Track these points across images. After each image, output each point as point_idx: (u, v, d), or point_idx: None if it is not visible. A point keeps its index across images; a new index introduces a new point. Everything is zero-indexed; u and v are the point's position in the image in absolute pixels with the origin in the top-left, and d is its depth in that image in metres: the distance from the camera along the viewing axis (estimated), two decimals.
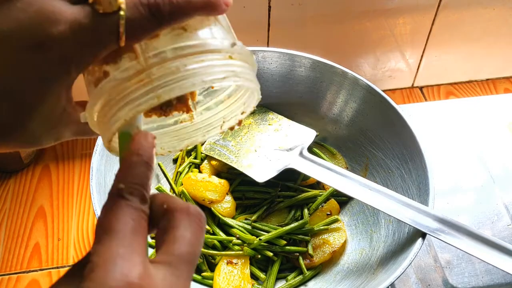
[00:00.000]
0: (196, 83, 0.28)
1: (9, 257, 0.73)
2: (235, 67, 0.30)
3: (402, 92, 0.99)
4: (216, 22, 0.31)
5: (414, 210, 0.61)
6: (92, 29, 0.27)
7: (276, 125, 0.77)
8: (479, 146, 0.85)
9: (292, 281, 0.67)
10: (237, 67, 0.30)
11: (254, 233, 0.68)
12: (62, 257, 0.73)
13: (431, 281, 0.69)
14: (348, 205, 0.75)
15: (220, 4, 0.29)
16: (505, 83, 1.01)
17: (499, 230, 0.74)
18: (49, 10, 0.26)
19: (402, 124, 0.68)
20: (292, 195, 0.73)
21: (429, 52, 0.93)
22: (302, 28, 0.85)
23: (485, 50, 0.95)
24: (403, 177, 0.68)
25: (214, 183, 0.70)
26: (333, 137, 0.78)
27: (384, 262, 0.62)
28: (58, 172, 0.83)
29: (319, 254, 0.68)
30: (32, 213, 0.77)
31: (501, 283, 0.68)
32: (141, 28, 0.28)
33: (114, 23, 0.27)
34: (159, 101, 0.28)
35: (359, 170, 0.75)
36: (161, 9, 0.28)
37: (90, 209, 0.78)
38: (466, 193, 0.79)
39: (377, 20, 0.87)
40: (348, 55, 0.91)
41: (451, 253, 0.71)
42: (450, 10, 0.87)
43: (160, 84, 0.28)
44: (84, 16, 0.27)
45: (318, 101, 0.78)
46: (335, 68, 0.74)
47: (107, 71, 0.29)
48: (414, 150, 0.66)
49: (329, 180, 0.67)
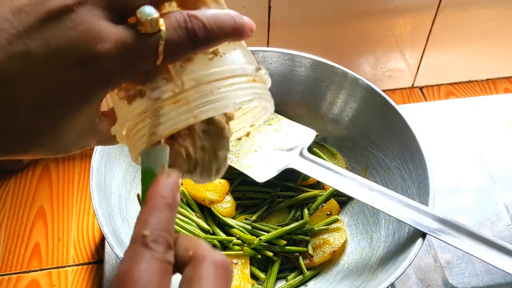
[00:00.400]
0: (229, 105, 0.31)
1: (9, 257, 0.73)
2: (259, 89, 0.33)
3: (402, 92, 0.99)
4: (239, 45, 0.34)
5: (414, 210, 0.61)
6: (135, 48, 0.28)
7: (276, 125, 0.77)
8: (479, 146, 0.85)
9: (292, 281, 0.67)
10: (260, 89, 0.33)
11: (254, 233, 0.68)
12: (62, 257, 0.73)
13: (431, 281, 0.69)
14: (348, 205, 0.75)
15: (246, 30, 0.32)
16: (505, 83, 1.01)
17: (499, 230, 0.74)
18: (96, 29, 0.28)
19: (402, 124, 0.68)
20: (292, 195, 0.73)
21: (429, 52, 0.93)
22: (302, 28, 0.85)
23: (485, 50, 0.95)
24: (403, 177, 0.68)
25: (214, 183, 0.70)
26: (333, 137, 0.78)
27: (384, 262, 0.62)
28: (58, 172, 0.83)
29: (319, 254, 0.68)
30: (32, 213, 0.78)
31: (501, 283, 0.68)
32: (178, 49, 0.29)
33: (154, 43, 0.29)
34: (195, 121, 0.30)
35: (359, 170, 0.75)
36: (197, 34, 0.30)
37: (90, 209, 0.78)
38: (466, 193, 0.79)
39: (377, 20, 0.87)
40: (348, 55, 0.91)
41: (451, 253, 0.71)
42: (450, 10, 0.87)
43: (197, 105, 0.30)
44: (128, 35, 0.28)
45: (318, 101, 0.78)
46: (335, 68, 0.74)
47: (142, 89, 0.31)
48: (414, 150, 0.66)
49: (329, 180, 0.67)
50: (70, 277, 0.71)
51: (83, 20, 0.27)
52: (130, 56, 0.28)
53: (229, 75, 0.32)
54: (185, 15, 0.29)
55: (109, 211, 0.61)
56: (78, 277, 0.71)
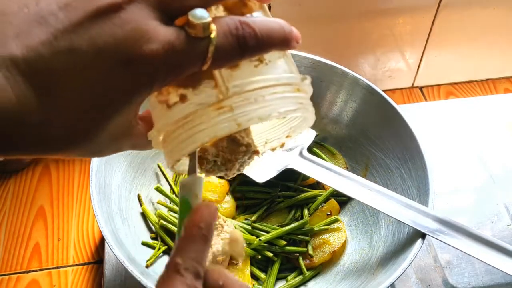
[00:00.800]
0: (272, 113, 0.30)
1: (9, 257, 0.73)
2: (303, 99, 0.32)
3: (402, 92, 0.99)
4: (284, 54, 0.33)
5: (413, 210, 0.61)
6: (183, 52, 0.28)
7: None
8: (479, 146, 0.85)
9: (292, 281, 0.67)
10: (303, 99, 0.32)
11: (254, 233, 0.68)
12: (62, 257, 0.73)
13: (431, 281, 0.69)
14: (348, 205, 0.75)
15: (293, 41, 0.32)
16: (505, 83, 1.01)
17: (499, 230, 0.74)
18: (144, 29, 0.27)
19: (402, 124, 0.68)
20: (292, 195, 0.73)
21: (429, 52, 0.93)
22: (302, 28, 0.84)
23: (485, 50, 0.95)
24: (403, 177, 0.68)
25: (214, 183, 0.70)
26: (333, 137, 0.78)
27: (384, 262, 0.62)
28: (58, 172, 0.83)
29: (319, 254, 0.68)
30: (32, 213, 0.78)
31: (501, 283, 0.68)
32: (226, 55, 0.29)
33: (204, 48, 0.28)
34: (238, 128, 0.29)
35: (359, 170, 0.75)
36: (247, 41, 0.29)
37: (90, 209, 0.78)
38: (466, 193, 0.79)
39: (377, 20, 0.87)
40: (348, 55, 0.91)
41: (451, 253, 0.71)
42: (450, 10, 0.87)
43: (240, 112, 0.29)
44: (177, 38, 0.27)
45: (318, 101, 0.78)
46: (335, 68, 0.74)
47: (184, 94, 0.30)
48: (414, 150, 0.66)
49: (329, 180, 0.67)
50: (70, 277, 0.71)
51: (132, 18, 0.27)
52: (178, 59, 0.28)
53: (274, 83, 0.31)
54: (237, 22, 0.29)
55: (108, 211, 0.61)
56: (78, 277, 0.71)
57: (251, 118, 0.29)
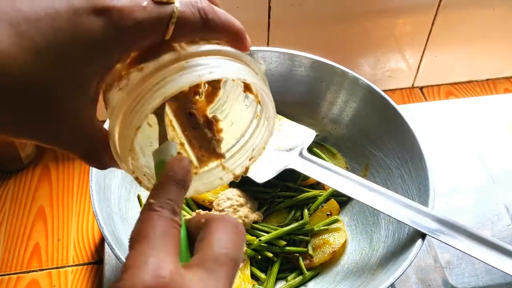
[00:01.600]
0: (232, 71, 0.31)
1: (9, 257, 0.73)
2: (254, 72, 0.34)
3: (402, 92, 0.99)
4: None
5: (413, 210, 0.61)
6: (148, 12, 0.29)
7: (276, 125, 0.77)
8: (479, 146, 0.85)
9: (292, 281, 0.66)
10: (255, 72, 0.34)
11: (254, 233, 0.68)
12: (62, 257, 0.73)
13: (431, 281, 0.69)
14: (348, 205, 0.74)
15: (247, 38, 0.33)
16: (505, 83, 1.01)
17: (499, 230, 0.74)
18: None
19: (402, 124, 0.68)
20: (292, 195, 0.73)
21: (429, 52, 0.93)
22: (302, 28, 0.85)
23: (485, 50, 0.95)
24: (403, 177, 0.68)
25: None
26: (333, 137, 0.78)
27: (384, 262, 0.62)
28: (58, 172, 0.83)
29: (319, 254, 0.68)
30: (32, 213, 0.77)
31: (501, 283, 0.68)
32: (189, 26, 0.30)
33: (167, 13, 0.29)
34: (200, 80, 0.30)
35: (359, 170, 0.75)
36: (209, 15, 0.31)
37: (90, 209, 0.78)
38: (466, 193, 0.79)
39: (377, 20, 0.87)
40: (348, 55, 0.91)
41: (451, 253, 0.71)
42: (450, 10, 0.87)
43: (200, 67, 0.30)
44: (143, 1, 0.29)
45: (318, 101, 0.78)
46: (335, 68, 0.74)
47: (142, 67, 0.30)
48: (414, 150, 0.66)
49: (329, 180, 0.67)
50: (70, 277, 0.71)
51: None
52: (143, 20, 0.29)
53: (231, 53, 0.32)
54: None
55: (108, 212, 0.61)
56: (78, 277, 0.71)
57: (212, 72, 0.30)
